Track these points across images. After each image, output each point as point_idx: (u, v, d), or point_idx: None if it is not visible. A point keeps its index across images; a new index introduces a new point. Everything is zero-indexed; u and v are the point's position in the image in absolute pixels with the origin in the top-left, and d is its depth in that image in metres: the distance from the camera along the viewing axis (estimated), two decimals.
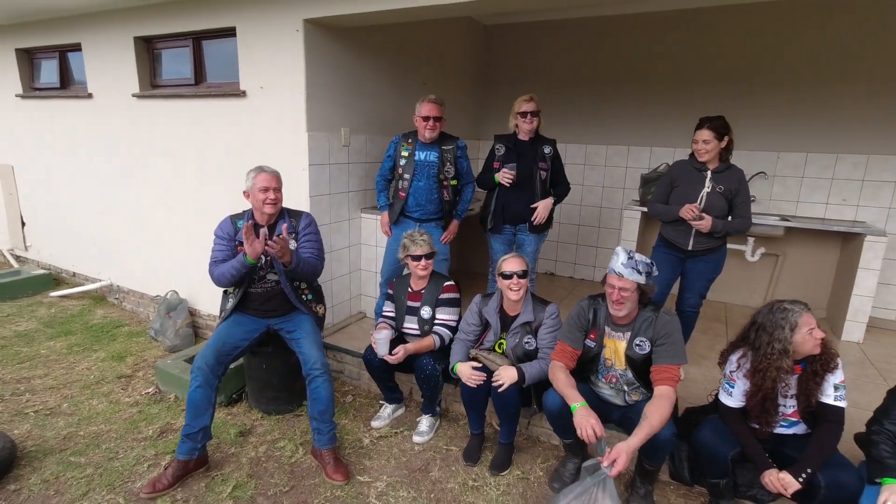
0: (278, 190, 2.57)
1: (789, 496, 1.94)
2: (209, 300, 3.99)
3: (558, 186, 3.33)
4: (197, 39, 3.73)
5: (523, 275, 2.47)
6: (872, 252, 3.61)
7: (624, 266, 2.12)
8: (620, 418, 2.37)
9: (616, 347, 2.26)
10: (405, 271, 2.93)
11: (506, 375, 2.38)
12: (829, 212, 4.18)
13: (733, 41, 4.22)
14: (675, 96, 4.52)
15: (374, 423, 2.88)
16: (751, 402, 2.09)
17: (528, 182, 3.20)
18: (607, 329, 2.28)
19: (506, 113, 3.28)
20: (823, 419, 1.98)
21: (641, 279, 2.13)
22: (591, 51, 4.81)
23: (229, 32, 3.43)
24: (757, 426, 2.11)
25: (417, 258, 2.72)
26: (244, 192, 2.59)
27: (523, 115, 3.13)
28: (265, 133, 3.39)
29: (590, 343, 2.31)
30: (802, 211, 4.26)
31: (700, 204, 2.79)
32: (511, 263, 2.49)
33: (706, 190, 2.79)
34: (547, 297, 2.70)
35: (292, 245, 2.59)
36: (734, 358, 2.17)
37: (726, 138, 2.77)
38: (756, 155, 4.27)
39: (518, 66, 5.20)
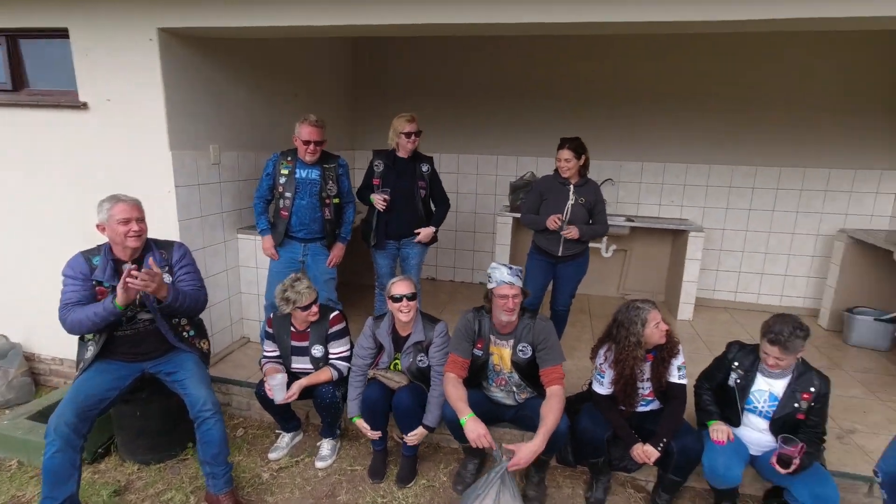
0: (141, 220, 2.32)
1: (652, 463, 2.33)
2: (51, 341, 3.44)
3: (439, 207, 3.45)
4: (12, 37, 3.17)
5: (412, 297, 2.52)
6: (695, 245, 4.38)
7: (510, 275, 2.35)
8: (514, 416, 2.60)
9: (502, 354, 2.48)
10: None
11: (415, 438, 2.51)
12: (662, 212, 4.95)
13: (587, 66, 4.77)
14: (538, 111, 4.97)
15: (272, 455, 2.76)
16: (616, 388, 2.44)
17: (409, 200, 3.29)
18: (492, 338, 2.49)
19: (379, 123, 3.32)
20: (671, 396, 2.40)
21: (521, 282, 2.40)
22: (460, 64, 5.05)
23: (60, 33, 2.99)
24: (623, 408, 2.47)
25: (307, 308, 2.61)
26: (98, 226, 2.29)
27: (407, 135, 3.21)
28: (118, 152, 3.01)
29: (477, 352, 2.49)
30: (642, 212, 4.98)
31: (566, 215, 3.14)
32: (400, 287, 2.53)
33: (570, 202, 3.15)
34: (429, 302, 2.84)
35: (167, 279, 2.36)
36: (602, 352, 2.50)
37: (583, 157, 3.15)
38: (604, 164, 4.88)
39: (389, 76, 5.27)
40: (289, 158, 3.10)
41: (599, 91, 4.81)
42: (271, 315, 2.79)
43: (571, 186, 3.17)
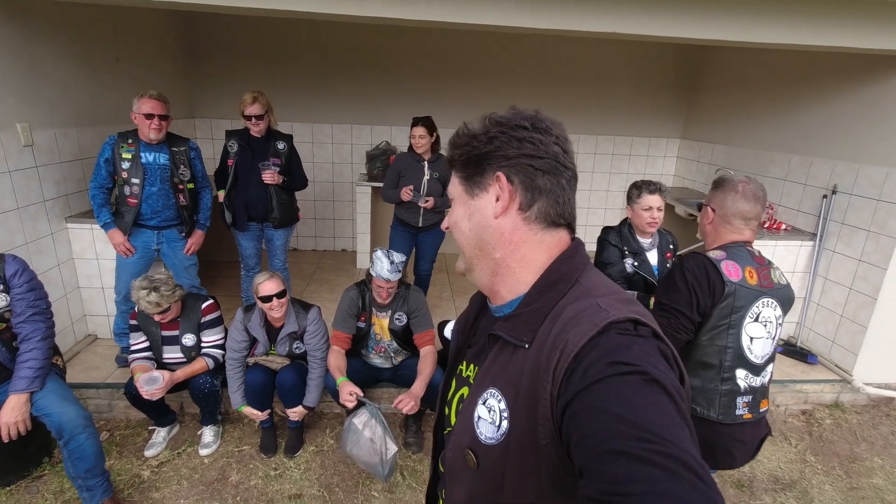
0: None
1: None
2: None
3: (297, 180, 3.39)
4: None
5: (281, 295, 2.53)
6: None
7: (390, 272, 2.54)
8: (392, 376, 2.92)
9: (382, 324, 2.75)
10: None
11: (296, 414, 2.68)
12: None
13: (437, 41, 4.97)
14: (391, 83, 5.09)
15: (149, 452, 2.69)
16: None
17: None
18: (374, 311, 2.73)
19: (223, 90, 3.15)
20: None
21: (401, 275, 2.62)
22: (310, 36, 4.89)
23: None
24: None
25: (164, 311, 2.48)
26: None
27: (248, 118, 3.12)
28: None
29: (361, 325, 2.72)
30: None
31: (423, 190, 3.43)
32: (268, 287, 2.49)
33: (426, 178, 3.44)
34: (295, 273, 2.87)
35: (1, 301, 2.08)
36: None
37: (435, 133, 3.43)
38: (450, 133, 5.24)
39: (230, 42, 4.87)
40: (129, 141, 2.83)
41: (448, 65, 5.09)
42: (135, 308, 2.62)
43: (426, 163, 3.45)
